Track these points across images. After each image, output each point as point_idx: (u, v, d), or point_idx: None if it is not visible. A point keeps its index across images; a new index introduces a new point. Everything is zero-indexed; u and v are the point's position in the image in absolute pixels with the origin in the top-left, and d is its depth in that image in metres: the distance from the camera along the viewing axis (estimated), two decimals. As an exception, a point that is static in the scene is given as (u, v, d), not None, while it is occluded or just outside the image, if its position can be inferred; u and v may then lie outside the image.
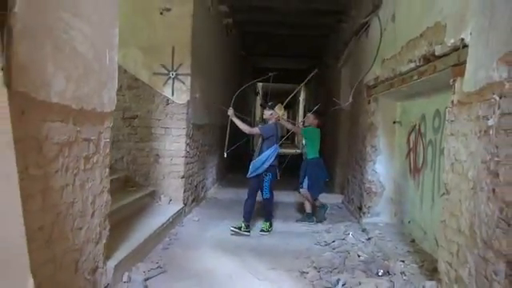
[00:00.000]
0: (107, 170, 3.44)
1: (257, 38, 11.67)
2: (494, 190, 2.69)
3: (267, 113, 6.07)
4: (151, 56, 6.14)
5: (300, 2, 8.36)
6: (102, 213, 3.35)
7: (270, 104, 6.15)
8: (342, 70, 9.00)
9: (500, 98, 2.66)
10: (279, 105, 6.21)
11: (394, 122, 6.18)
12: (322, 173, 6.71)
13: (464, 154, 3.16)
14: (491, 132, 2.74)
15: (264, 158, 5.80)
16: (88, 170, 3.06)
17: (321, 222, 6.53)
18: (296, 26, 10.04)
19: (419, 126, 5.34)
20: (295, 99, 27.08)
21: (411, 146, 5.61)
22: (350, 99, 6.74)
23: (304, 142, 6.83)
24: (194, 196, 7.04)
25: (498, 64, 2.67)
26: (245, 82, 14.45)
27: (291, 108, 31.17)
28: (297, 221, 6.65)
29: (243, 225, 5.70)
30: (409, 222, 5.57)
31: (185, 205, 6.35)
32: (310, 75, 6.35)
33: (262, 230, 5.81)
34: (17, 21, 2.06)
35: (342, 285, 3.87)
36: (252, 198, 5.87)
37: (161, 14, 6.16)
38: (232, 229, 5.63)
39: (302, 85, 6.97)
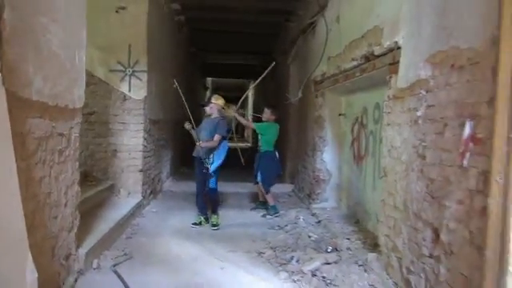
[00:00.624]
0: (77, 163, 3.65)
1: (208, 35, 11.90)
2: (421, 170, 3.20)
3: (207, 109, 6.01)
4: (108, 53, 6.27)
5: (250, 1, 8.72)
6: (73, 203, 3.56)
7: (206, 100, 6.11)
8: (290, 66, 9.47)
9: (426, 92, 3.17)
10: (215, 95, 6.18)
11: (340, 115, 6.71)
12: (274, 166, 6.88)
13: (398, 140, 3.67)
14: (419, 121, 3.26)
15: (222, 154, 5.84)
16: (61, 163, 3.27)
17: (265, 216, 6.56)
18: (246, 23, 10.39)
19: (362, 117, 5.88)
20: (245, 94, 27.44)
21: (355, 136, 6.15)
22: (300, 94, 7.20)
23: (259, 136, 6.92)
24: (152, 189, 7.26)
25: (424, 64, 3.18)
26: (195, 77, 14.67)
27: (242, 103, 31.66)
28: (251, 209, 6.96)
29: (202, 218, 5.85)
30: (354, 205, 6.13)
31: (143, 197, 6.56)
32: (268, 68, 6.34)
33: (213, 225, 5.75)
34: (6, 25, 2.27)
35: (296, 261, 4.30)
36: (201, 191, 5.91)
37: (116, 12, 6.30)
38: (193, 226, 5.71)
39: (258, 80, 7.07)
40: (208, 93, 21.61)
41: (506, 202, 2.15)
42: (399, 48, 3.67)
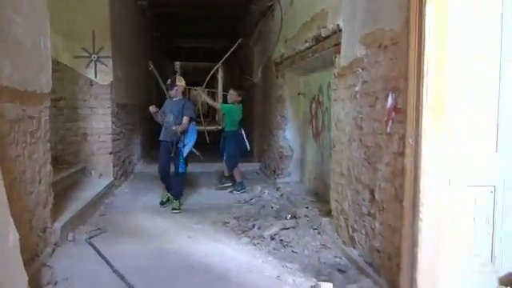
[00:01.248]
0: (48, 144, 3.92)
1: (172, 20, 12.04)
2: (360, 139, 3.63)
3: (172, 92, 5.94)
4: (72, 40, 6.43)
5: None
6: (46, 181, 3.84)
7: (168, 82, 6.06)
8: (253, 48, 9.78)
9: (362, 70, 3.58)
10: (178, 77, 6.18)
11: (299, 94, 7.11)
12: (239, 144, 7.05)
13: (342, 114, 4.09)
14: (357, 96, 3.67)
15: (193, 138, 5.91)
16: (33, 144, 3.54)
17: (232, 191, 6.89)
18: (210, 7, 10.60)
19: (318, 96, 6.28)
20: (214, 77, 27.59)
21: (313, 113, 6.56)
22: (259, 75, 7.54)
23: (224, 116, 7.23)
24: (123, 171, 7.53)
25: (359, 45, 3.58)
26: (161, 61, 14.76)
27: (212, 86, 31.63)
28: (216, 189, 7.14)
29: (167, 195, 5.95)
30: (314, 178, 6.58)
31: (115, 178, 6.83)
32: (235, 45, 6.54)
33: (173, 209, 5.69)
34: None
35: (258, 228, 4.72)
36: (168, 175, 5.95)
37: (76, -4, 6.45)
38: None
39: (226, 55, 7.18)
40: (177, 76, 21.66)
41: (416, 160, 2.58)
42: (341, 30, 4.05)
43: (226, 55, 7.17)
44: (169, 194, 5.96)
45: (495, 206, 2.69)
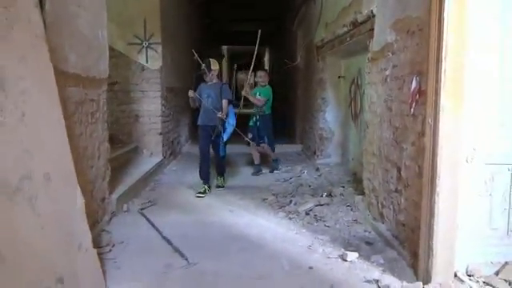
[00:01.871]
0: (106, 124, 4.41)
1: (218, 5, 12.42)
2: (390, 121, 3.83)
3: (209, 76, 5.84)
4: (125, 28, 6.93)
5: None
6: (104, 157, 4.34)
7: (202, 68, 5.82)
8: (297, 32, 9.96)
9: (392, 54, 3.76)
10: (212, 61, 5.94)
11: (339, 77, 7.27)
12: (273, 126, 7.33)
13: (375, 97, 4.28)
14: (388, 79, 3.86)
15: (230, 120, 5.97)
16: (94, 123, 4.02)
17: (273, 171, 7.14)
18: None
19: (357, 79, 6.44)
20: (260, 61, 27.85)
21: (352, 96, 6.73)
22: (298, 59, 7.74)
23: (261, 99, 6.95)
24: (171, 150, 8.05)
25: (389, 30, 3.75)
26: (208, 45, 15.21)
27: (258, 70, 31.93)
28: (252, 174, 7.05)
29: (206, 187, 5.75)
30: (352, 159, 6.78)
31: (164, 157, 7.36)
32: (258, 38, 6.58)
33: (218, 186, 5.96)
34: (47, 15, 2.96)
35: (294, 204, 5.04)
36: (208, 160, 5.90)
37: (130, -13, 6.91)
38: (198, 195, 5.57)
39: (256, 48, 7.10)
40: (224, 61, 22.16)
41: (435, 139, 2.78)
42: (374, 16, 4.22)
43: (255, 52, 6.87)
44: (206, 187, 5.75)
45: (512, 184, 2.85)
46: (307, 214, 4.69)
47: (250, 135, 6.98)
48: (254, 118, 7.12)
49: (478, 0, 2.74)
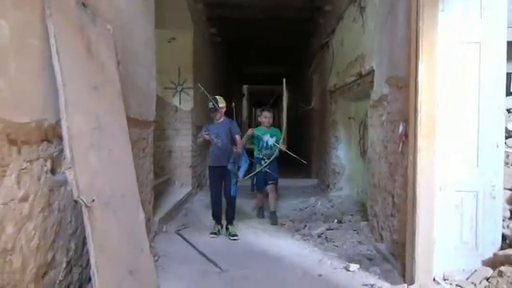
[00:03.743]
0: (152, 158, 5.34)
1: (241, 50, 13.63)
2: (386, 157, 4.67)
3: (218, 114, 5.73)
4: (163, 75, 7.97)
5: (278, 23, 10.30)
6: (150, 185, 5.25)
7: (211, 106, 5.70)
8: (313, 76, 10.97)
9: (387, 103, 4.63)
10: (220, 98, 5.78)
11: (349, 118, 8.16)
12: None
13: (375, 137, 5.13)
14: (384, 123, 4.72)
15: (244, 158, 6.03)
16: (144, 157, 4.96)
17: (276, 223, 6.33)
18: (275, 40, 12.04)
19: (365, 120, 7.30)
20: (279, 100, 29.05)
21: (361, 135, 7.59)
22: (313, 104, 8.67)
23: (272, 141, 6.50)
24: (199, 182, 8.95)
25: (384, 84, 4.65)
26: (232, 86, 16.37)
27: (276, 108, 32.96)
28: (258, 216, 6.73)
29: (219, 228, 5.71)
30: (361, 191, 7.56)
31: (193, 188, 8.25)
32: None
33: (232, 235, 5.51)
34: (119, 73, 3.95)
35: (308, 228, 5.83)
36: (220, 202, 5.79)
37: (168, 42, 8.03)
38: (212, 236, 5.55)
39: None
40: (244, 99, 23.36)
41: (415, 172, 3.61)
42: (373, 71, 5.13)
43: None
44: (219, 227, 5.70)
45: (477, 206, 3.63)
46: (319, 236, 5.47)
47: (254, 181, 6.61)
48: (263, 162, 6.49)
49: (443, 66, 3.62)
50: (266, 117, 6.61)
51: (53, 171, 2.82)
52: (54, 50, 2.59)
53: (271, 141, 6.51)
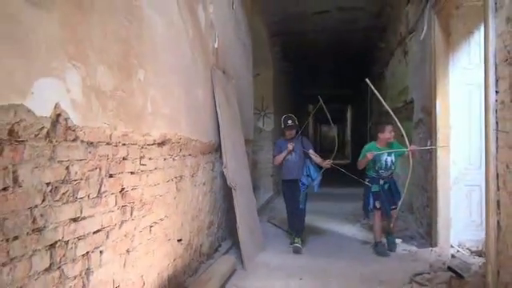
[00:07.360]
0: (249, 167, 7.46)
1: (308, 75, 15.75)
2: (422, 164, 6.42)
3: (292, 132, 5.95)
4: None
5: (339, 57, 12.25)
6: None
7: (289, 124, 5.92)
8: (372, 98, 12.74)
9: (423, 125, 6.40)
10: (291, 117, 6.03)
11: (402, 136, 9.80)
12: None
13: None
14: (421, 140, 6.48)
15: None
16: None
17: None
18: (338, 66, 14.03)
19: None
20: (344, 117, 30.63)
21: (411, 148, 9.23)
22: (369, 124, 10.42)
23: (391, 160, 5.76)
24: (278, 189, 10.99)
25: (420, 110, 6.44)
26: (300, 107, 18.40)
27: (340, 123, 34.37)
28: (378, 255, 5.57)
29: (299, 240, 5.83)
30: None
31: (274, 193, 10.29)
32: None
33: (296, 249, 5.68)
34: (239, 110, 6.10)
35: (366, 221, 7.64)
36: (296, 213, 5.95)
37: (254, 77, 10.21)
38: (297, 246, 5.70)
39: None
40: (310, 118, 25.27)
41: (435, 171, 5.36)
42: (414, 101, 6.92)
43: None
44: (299, 239, 5.82)
45: (481, 197, 5.31)
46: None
47: (377, 204, 5.65)
48: (381, 181, 5.70)
49: (454, 98, 5.37)
50: (390, 131, 5.72)
51: (212, 170, 4.98)
52: (217, 105, 4.77)
53: (390, 160, 5.71)
